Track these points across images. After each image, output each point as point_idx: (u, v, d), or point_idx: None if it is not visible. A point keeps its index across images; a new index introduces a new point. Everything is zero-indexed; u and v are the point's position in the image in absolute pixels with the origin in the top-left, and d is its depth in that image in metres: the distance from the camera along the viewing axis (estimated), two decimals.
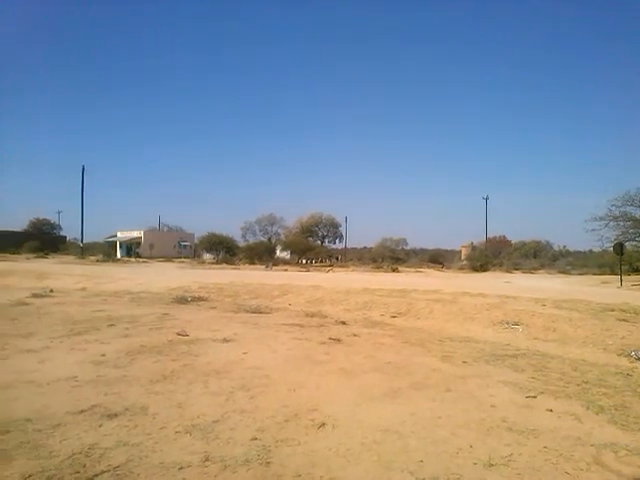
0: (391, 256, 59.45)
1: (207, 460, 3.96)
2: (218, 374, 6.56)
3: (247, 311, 13.49)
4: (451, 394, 5.99)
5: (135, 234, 71.65)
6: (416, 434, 4.64)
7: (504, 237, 69.22)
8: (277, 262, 49.40)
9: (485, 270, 42.07)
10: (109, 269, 33.05)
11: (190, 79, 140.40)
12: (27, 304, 14.20)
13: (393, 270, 40.06)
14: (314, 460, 4.03)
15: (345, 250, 77.26)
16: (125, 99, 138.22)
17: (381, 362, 7.51)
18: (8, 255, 55.51)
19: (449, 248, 74.35)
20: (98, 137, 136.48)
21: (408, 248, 75.15)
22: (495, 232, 70.79)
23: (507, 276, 32.50)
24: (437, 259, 59.02)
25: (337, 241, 77.74)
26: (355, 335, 9.85)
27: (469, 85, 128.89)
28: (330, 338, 9.27)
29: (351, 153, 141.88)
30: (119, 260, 55.55)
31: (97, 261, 48.79)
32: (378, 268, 43.39)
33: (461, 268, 44.29)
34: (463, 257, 60.21)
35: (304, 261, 56.89)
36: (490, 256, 50.33)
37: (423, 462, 4.04)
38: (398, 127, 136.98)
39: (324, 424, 4.82)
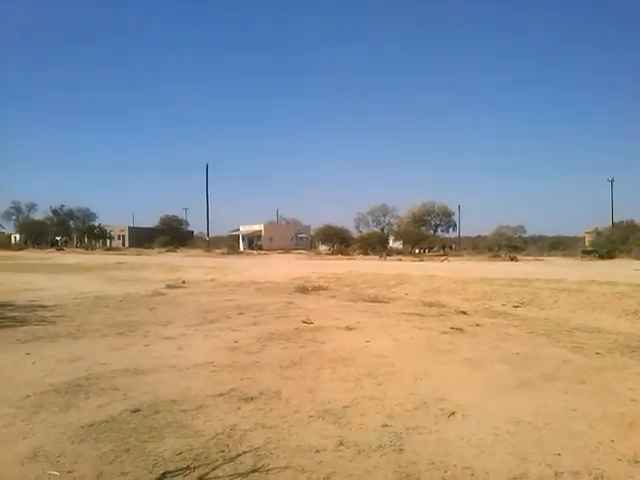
0: (508, 244, 57.22)
1: (341, 444, 4.01)
2: (344, 361, 6.64)
3: (365, 300, 13.54)
4: (585, 386, 5.66)
5: (256, 228, 74.08)
6: (550, 426, 4.43)
7: (632, 222, 64.10)
8: (390, 252, 49.13)
9: (612, 257, 39.41)
10: (234, 261, 34.43)
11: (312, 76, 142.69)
12: (163, 294, 15.10)
13: (511, 259, 38.53)
14: (446, 449, 3.97)
15: (459, 239, 75.53)
16: (246, 97, 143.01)
17: (507, 352, 7.25)
18: (143, 249, 59.48)
19: (571, 235, 70.46)
20: (222, 137, 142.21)
21: (526, 236, 72.20)
22: (622, 216, 65.86)
23: (637, 264, 30.29)
24: (557, 246, 56.13)
25: (450, 230, 76.12)
26: (478, 325, 9.58)
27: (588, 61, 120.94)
28: (452, 327, 9.08)
29: (461, 138, 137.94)
30: (242, 252, 57.75)
31: (222, 254, 51.01)
32: (495, 257, 41.93)
33: (585, 255, 41.74)
34: (587, 244, 56.74)
35: (417, 251, 56.23)
36: (617, 242, 47.01)
37: (561, 455, 3.85)
38: (512, 107, 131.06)
39: (454, 413, 4.73)
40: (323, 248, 60.98)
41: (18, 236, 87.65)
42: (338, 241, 58.34)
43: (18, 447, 3.91)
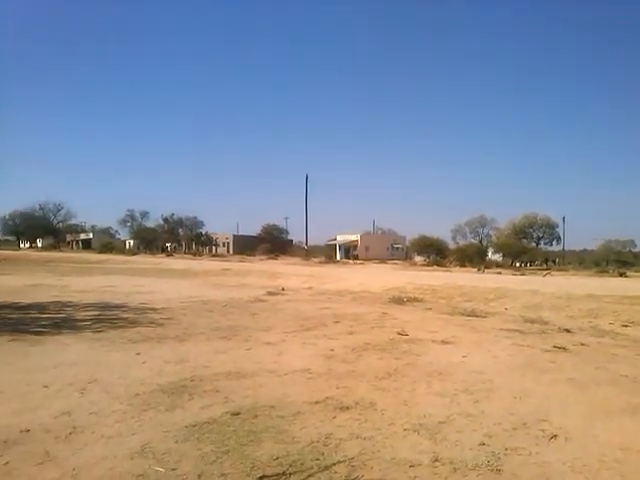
0: (616, 259, 53.89)
1: (436, 460, 3.90)
2: (440, 375, 6.47)
3: (462, 314, 13.17)
4: None
5: (352, 237, 74.40)
6: None
7: None
8: (489, 265, 47.64)
9: None
10: (330, 270, 34.71)
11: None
12: (264, 301, 15.45)
13: (620, 275, 36.18)
14: (548, 472, 3.75)
15: (563, 252, 71.94)
16: (344, 110, 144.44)
17: (615, 374, 6.78)
18: (245, 257, 61.31)
19: None
20: (321, 148, 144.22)
21: (637, 250, 67.64)
22: None
23: None
24: None
25: (554, 243, 72.54)
26: (582, 344, 9.04)
27: None
28: (554, 346, 8.63)
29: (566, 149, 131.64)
30: (339, 261, 58.13)
31: (320, 262, 51.55)
32: (602, 272, 39.55)
33: None
34: None
35: (518, 264, 54.16)
36: None
37: None
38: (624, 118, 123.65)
39: (556, 436, 4.47)
40: (418, 259, 60.19)
41: (132, 242, 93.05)
42: (434, 252, 57.40)
43: (128, 442, 4.10)
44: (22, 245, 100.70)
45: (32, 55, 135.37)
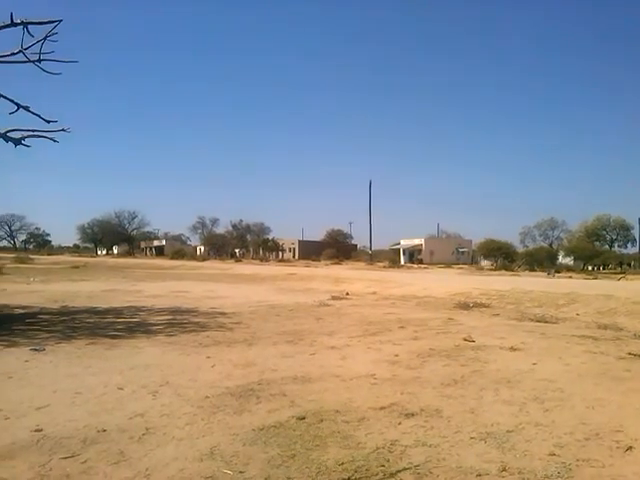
0: None
1: (504, 470, 3.77)
2: (508, 383, 6.27)
3: (531, 319, 12.77)
4: None
5: (416, 242, 73.53)
6: None
7: None
8: (559, 269, 45.96)
9: None
10: (395, 274, 34.40)
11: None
12: (328, 305, 15.50)
13: None
14: None
15: (639, 255, 68.53)
16: (409, 114, 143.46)
17: None
18: (310, 261, 61.70)
19: None
20: (385, 152, 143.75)
21: None
22: None
23: None
24: None
25: (629, 245, 69.11)
26: None
27: None
28: (630, 353, 8.21)
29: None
30: (403, 266, 57.57)
31: (384, 267, 51.26)
32: None
33: None
34: None
35: (590, 268, 52.01)
36: None
37: None
38: None
39: (631, 448, 4.24)
40: (485, 263, 58.74)
41: (202, 248, 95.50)
42: (501, 256, 55.81)
43: (198, 444, 4.19)
44: (99, 252, 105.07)
45: (98, 64, 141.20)
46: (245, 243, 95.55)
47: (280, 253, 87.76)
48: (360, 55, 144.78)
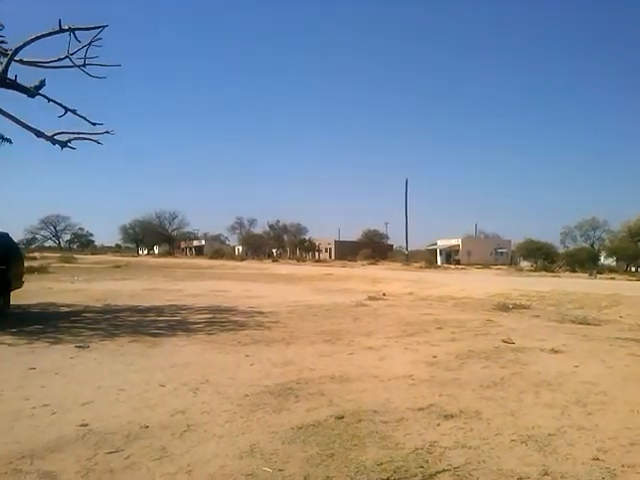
0: None
1: (546, 474, 3.69)
2: (549, 386, 6.14)
3: (573, 321, 12.45)
4: None
5: (453, 242, 72.67)
6: None
7: None
8: (601, 270, 44.73)
9: None
10: (431, 275, 34.06)
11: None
12: (365, 305, 15.44)
13: None
14: None
15: None
16: (444, 114, 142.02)
17: None
18: (347, 262, 61.62)
19: None
20: (420, 154, 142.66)
21: None
22: None
23: None
24: None
25: None
26: None
27: None
28: None
29: None
30: (439, 267, 56.95)
31: (420, 268, 50.77)
32: None
33: None
34: None
35: (634, 269, 50.50)
36: None
37: None
38: None
39: None
40: (524, 264, 57.58)
41: (241, 248, 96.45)
42: (541, 257, 54.62)
43: (238, 441, 4.22)
44: (140, 252, 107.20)
45: (139, 67, 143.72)
46: (282, 243, 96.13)
47: (316, 253, 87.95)
48: (397, 55, 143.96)
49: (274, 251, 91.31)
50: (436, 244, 75.16)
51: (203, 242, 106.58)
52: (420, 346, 8.67)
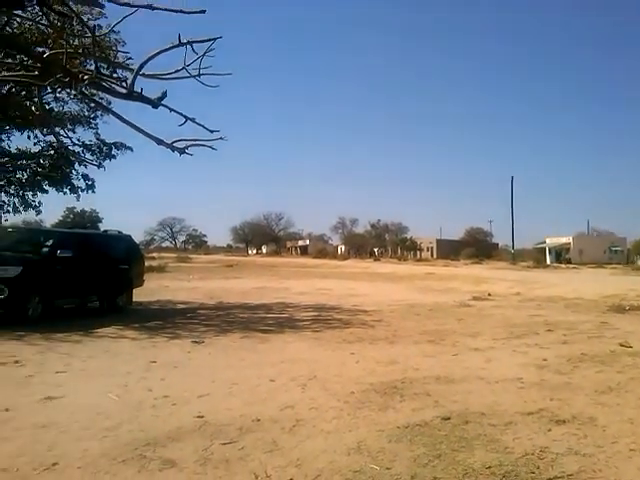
0: None
1: None
2: None
3: None
4: None
5: (564, 240, 69.04)
6: None
7: None
8: None
9: None
10: (540, 275, 32.63)
11: None
12: (469, 306, 15.05)
13: None
14: None
15: None
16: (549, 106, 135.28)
17: None
18: (449, 261, 60.36)
19: None
20: (525, 151, 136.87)
21: None
22: None
23: None
24: None
25: None
26: None
27: None
28: None
29: None
30: (548, 266, 54.32)
31: (527, 267, 48.72)
32: None
33: None
34: None
35: None
36: None
37: None
38: None
39: None
40: None
41: (343, 247, 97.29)
42: None
43: (345, 438, 4.26)
44: (249, 251, 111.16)
45: (242, 69, 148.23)
46: (383, 242, 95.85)
47: (418, 252, 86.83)
48: (497, 54, 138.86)
49: (375, 250, 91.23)
50: (545, 242, 71.77)
51: (307, 242, 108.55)
52: (529, 348, 8.33)
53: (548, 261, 63.94)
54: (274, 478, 3.53)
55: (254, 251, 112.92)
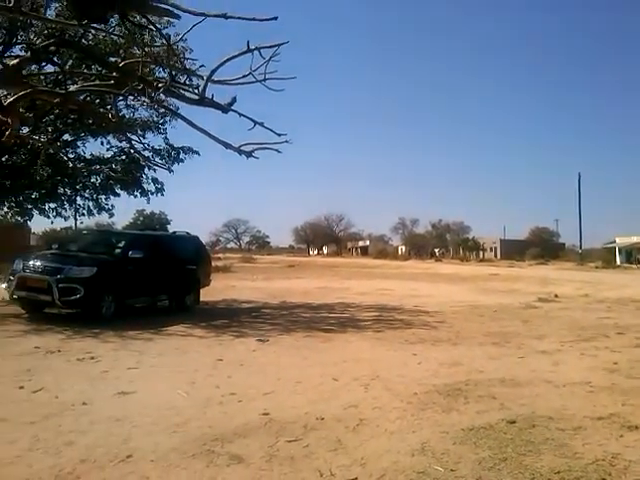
0: None
1: None
2: None
3: None
4: None
5: (634, 239, 65.83)
6: None
7: None
8: None
9: None
10: (609, 276, 31.30)
11: None
12: (535, 307, 14.60)
13: None
14: None
15: None
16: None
17: None
18: (514, 262, 58.74)
19: None
20: (592, 148, 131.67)
21: None
22: None
23: None
24: None
25: None
26: None
27: None
28: None
29: None
30: (618, 266, 51.96)
31: (596, 267, 46.80)
32: None
33: None
34: None
35: None
36: None
37: None
38: None
39: None
40: None
41: (404, 248, 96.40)
42: None
43: (409, 439, 4.24)
44: (311, 252, 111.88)
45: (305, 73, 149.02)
46: (445, 243, 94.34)
47: (481, 252, 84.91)
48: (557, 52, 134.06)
49: (437, 251, 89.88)
50: (614, 242, 68.67)
51: (368, 242, 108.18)
52: (598, 352, 8.03)
53: (618, 261, 61.18)
54: (338, 477, 3.56)
55: (315, 252, 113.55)
